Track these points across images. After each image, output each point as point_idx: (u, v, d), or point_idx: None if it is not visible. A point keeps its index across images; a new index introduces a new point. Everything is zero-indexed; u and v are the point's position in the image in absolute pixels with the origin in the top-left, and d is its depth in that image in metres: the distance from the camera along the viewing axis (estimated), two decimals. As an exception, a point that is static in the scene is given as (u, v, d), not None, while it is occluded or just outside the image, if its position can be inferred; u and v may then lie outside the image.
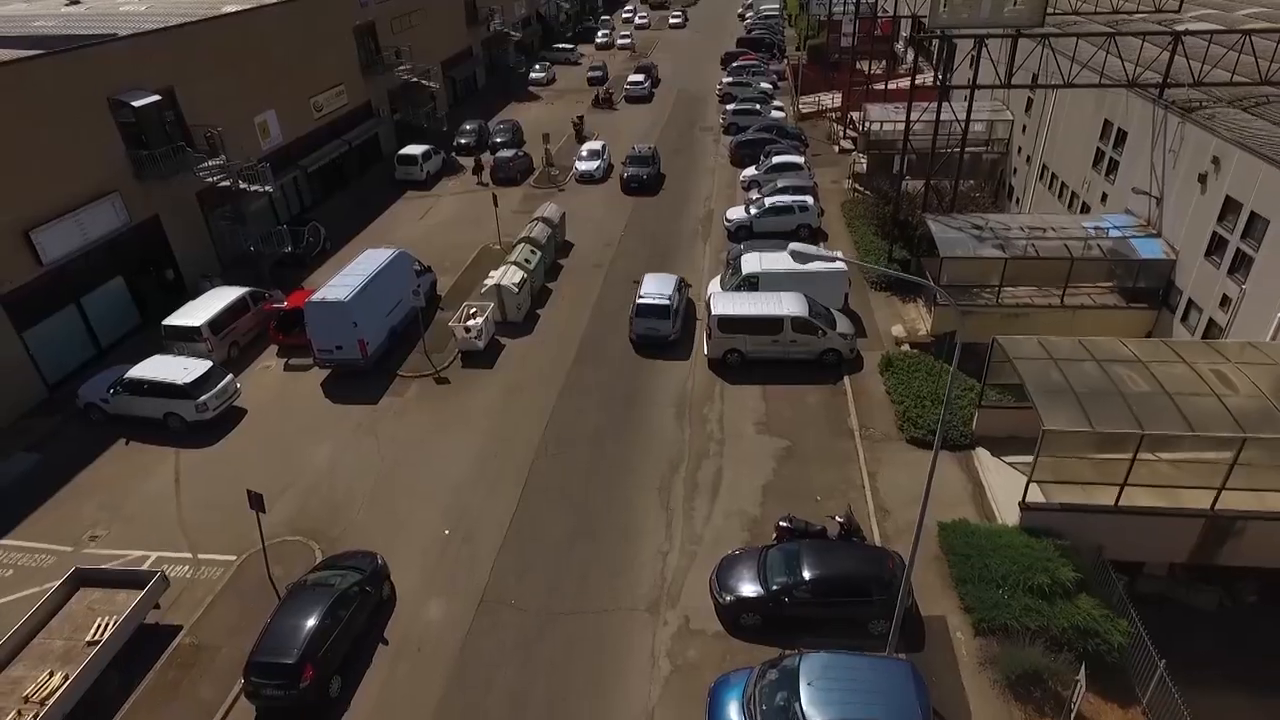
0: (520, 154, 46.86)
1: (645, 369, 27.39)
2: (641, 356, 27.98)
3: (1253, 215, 21.91)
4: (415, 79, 50.47)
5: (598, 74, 67.61)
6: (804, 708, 14.03)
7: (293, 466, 23.12)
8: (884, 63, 58.36)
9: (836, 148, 49.51)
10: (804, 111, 57.35)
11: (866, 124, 42.66)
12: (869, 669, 14.71)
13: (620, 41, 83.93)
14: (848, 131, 50.27)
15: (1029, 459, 18.65)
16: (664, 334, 28.02)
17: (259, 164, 32.68)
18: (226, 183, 31.56)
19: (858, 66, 53.70)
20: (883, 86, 51.54)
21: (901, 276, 16.69)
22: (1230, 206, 22.90)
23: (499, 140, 49.92)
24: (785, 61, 71.55)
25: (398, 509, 21.51)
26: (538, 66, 70.24)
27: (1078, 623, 16.57)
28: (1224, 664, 18.06)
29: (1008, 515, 19.61)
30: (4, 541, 20.95)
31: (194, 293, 30.39)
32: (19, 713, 15.34)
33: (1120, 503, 18.25)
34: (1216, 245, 23.46)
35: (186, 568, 19.86)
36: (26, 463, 23.92)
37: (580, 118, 53.67)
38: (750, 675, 15.39)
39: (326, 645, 16.18)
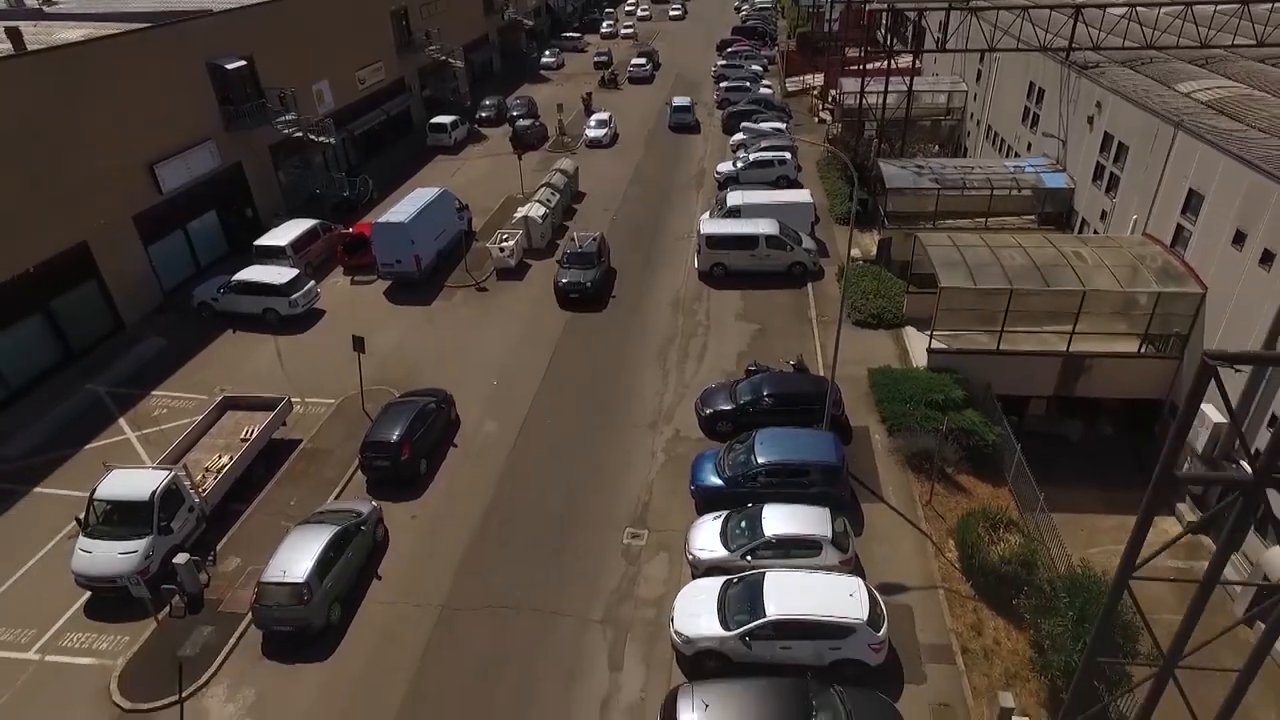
0: (537, 123, 53.09)
1: (645, 281, 33.67)
2: (675, 133, 51.76)
3: (1119, 144, 28.25)
4: (443, 58, 56.71)
5: (603, 59, 73.85)
6: (757, 456, 20.33)
7: (369, 344, 28.94)
8: (866, 48, 64.40)
9: (817, 119, 55.75)
10: (790, 90, 63.61)
11: (840, 94, 48.97)
12: (804, 435, 21.06)
13: (624, 31, 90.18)
14: (826, 105, 56.51)
15: (943, 332, 25.03)
16: (689, 122, 53.42)
17: (324, 119, 38.88)
18: (299, 134, 37.87)
19: (844, 51, 59.89)
20: (857, 67, 57.60)
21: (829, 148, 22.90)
22: (1107, 140, 29.22)
23: (515, 114, 56.16)
24: (775, 48, 77.82)
25: (456, 370, 27.74)
26: (548, 52, 76.54)
27: (963, 425, 22.79)
28: (1077, 471, 24.30)
29: (922, 365, 25.88)
30: (154, 392, 27.28)
31: (268, 228, 36.58)
32: (203, 475, 21.62)
33: (1000, 347, 24.56)
34: (1099, 172, 29.77)
35: (299, 407, 26.08)
36: (157, 345, 30.22)
37: (589, 94, 59.98)
38: (720, 449, 21.70)
39: (417, 435, 22.50)
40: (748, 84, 60.34)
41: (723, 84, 61.07)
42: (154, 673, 17.23)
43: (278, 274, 31.27)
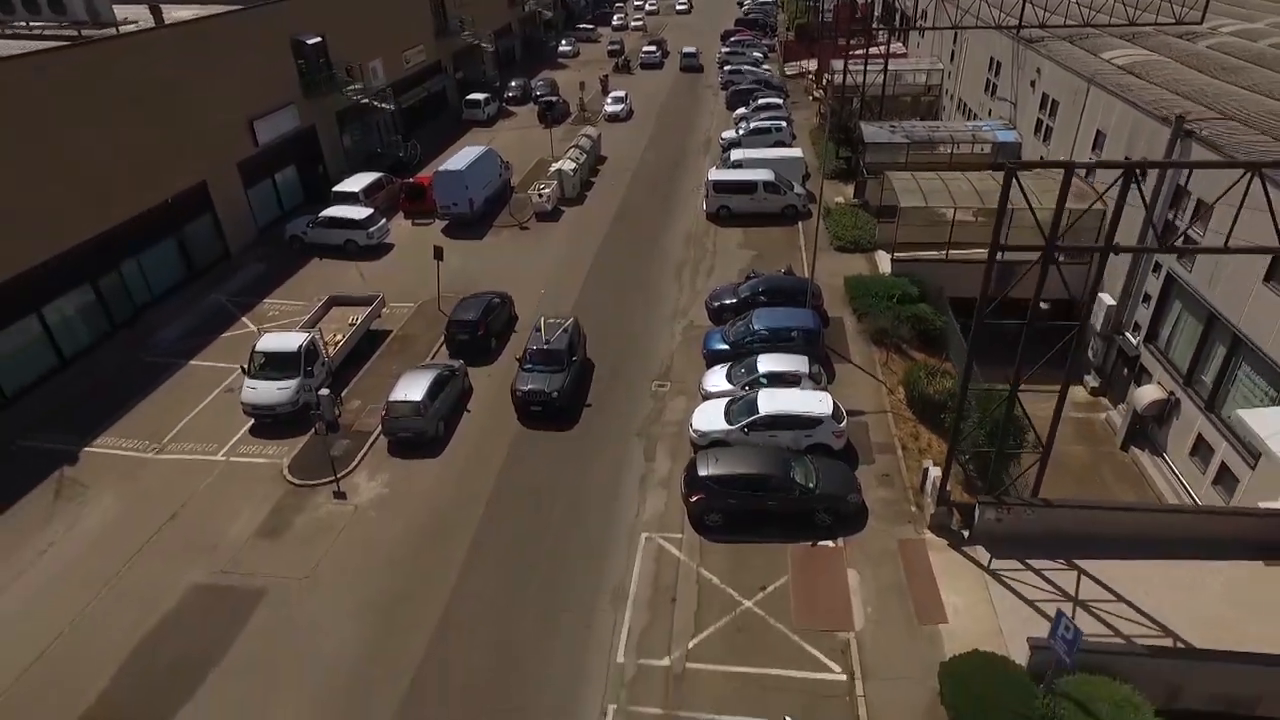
0: (561, 100, 59.48)
1: (663, 223, 40.01)
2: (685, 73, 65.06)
3: (1053, 101, 34.56)
4: (476, 42, 63.14)
5: (616, 47, 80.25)
6: (754, 325, 26.67)
7: (437, 267, 35.62)
8: (849, 38, 70.83)
9: (811, 97, 62.12)
10: (789, 74, 69.96)
11: (832, 75, 55.37)
12: (790, 311, 27.37)
13: (633, 24, 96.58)
14: (820, 86, 62.85)
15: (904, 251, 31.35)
16: (696, 65, 69.68)
17: (385, 88, 45.25)
18: (364, 100, 44.26)
19: (839, 41, 66.26)
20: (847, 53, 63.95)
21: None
22: (1045, 99, 35.51)
23: (539, 93, 62.56)
24: (775, 38, 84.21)
25: (510, 284, 33.75)
26: (564, 42, 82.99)
27: (915, 313, 29.05)
28: (1011, 358, 30.52)
29: (887, 273, 32.19)
30: (265, 300, 33.64)
31: (335, 183, 42.68)
32: (325, 346, 27.93)
33: (948, 257, 30.84)
34: (1039, 126, 36.05)
35: (386, 309, 32.36)
36: (259, 269, 36.60)
37: (605, 76, 66.35)
38: (725, 325, 28.05)
39: (489, 317, 28.87)
40: (748, 67, 66.69)
41: (726, 67, 67.48)
42: (312, 466, 23.59)
43: (357, 212, 37.63)
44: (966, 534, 19.70)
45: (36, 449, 24.70)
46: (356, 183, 40.91)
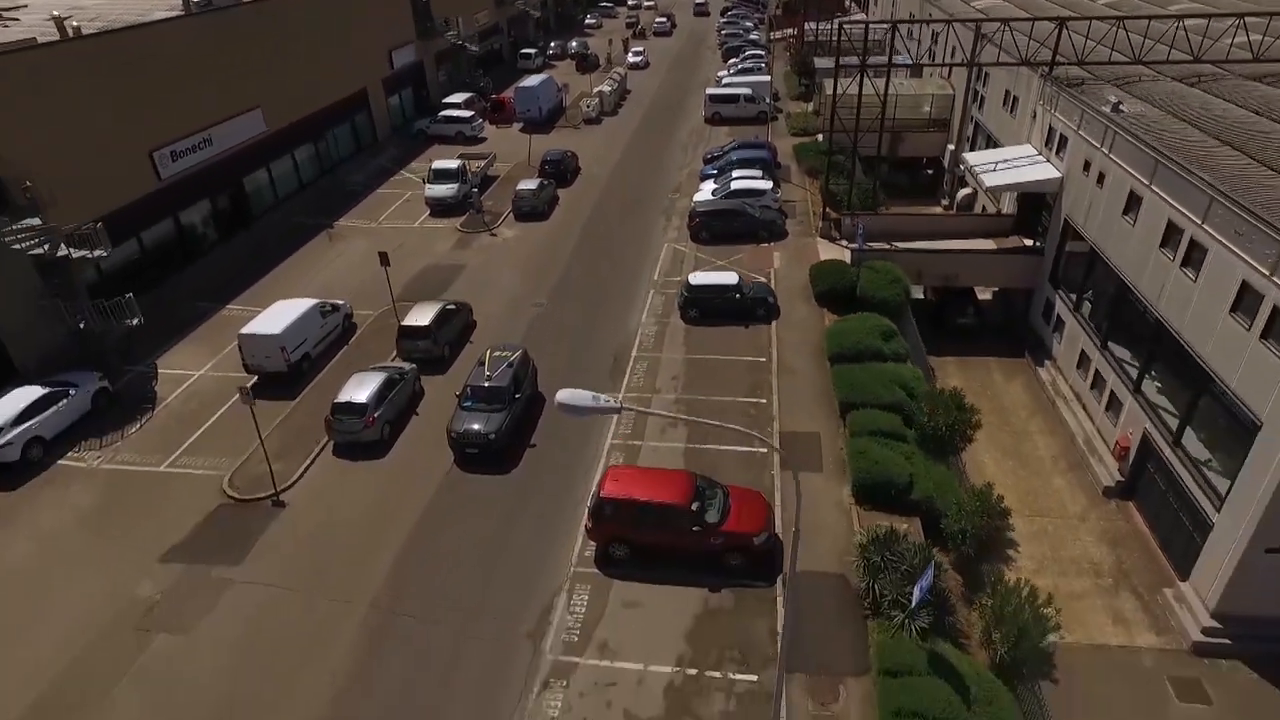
0: (592, 54, 76.74)
1: (674, 125, 57.17)
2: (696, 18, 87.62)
3: (934, 33, 51.64)
4: (526, 10, 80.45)
5: (633, 19, 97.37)
6: (732, 157, 43.80)
7: (521, 148, 52.64)
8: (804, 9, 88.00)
9: (789, 54, 79.19)
10: (774, 39, 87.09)
11: (803, 35, 72.49)
12: (755, 150, 44.46)
13: (646, 3, 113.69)
14: (798, 43, 79.87)
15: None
16: (705, 11, 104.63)
17: (473, 34, 62.56)
18: (461, 42, 61.57)
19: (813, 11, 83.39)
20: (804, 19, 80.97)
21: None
22: (935, 37, 52.57)
23: (574, 48, 79.80)
24: (767, 12, 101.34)
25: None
26: (589, 17, 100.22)
27: (834, 161, 46.08)
28: (901, 197, 47.61)
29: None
30: (412, 164, 50.86)
31: (436, 103, 59.89)
32: (470, 170, 45.05)
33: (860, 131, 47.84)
34: (930, 53, 53.10)
35: (494, 166, 49.48)
36: (398, 151, 53.83)
37: (626, 39, 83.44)
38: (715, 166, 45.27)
39: (566, 160, 46.15)
40: (740, 33, 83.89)
41: (723, 33, 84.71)
42: (473, 226, 40.80)
43: (464, 112, 54.95)
44: (837, 235, 36.77)
45: (306, 223, 42.01)
46: (459, 96, 58.34)
